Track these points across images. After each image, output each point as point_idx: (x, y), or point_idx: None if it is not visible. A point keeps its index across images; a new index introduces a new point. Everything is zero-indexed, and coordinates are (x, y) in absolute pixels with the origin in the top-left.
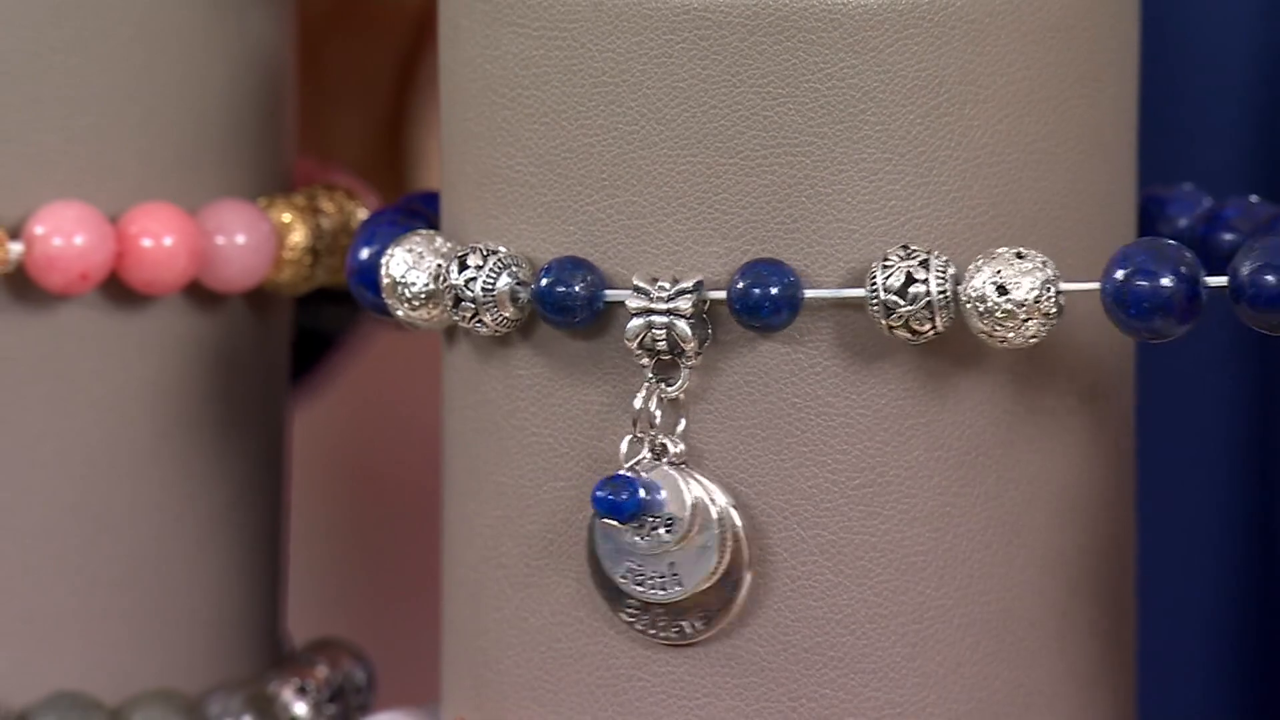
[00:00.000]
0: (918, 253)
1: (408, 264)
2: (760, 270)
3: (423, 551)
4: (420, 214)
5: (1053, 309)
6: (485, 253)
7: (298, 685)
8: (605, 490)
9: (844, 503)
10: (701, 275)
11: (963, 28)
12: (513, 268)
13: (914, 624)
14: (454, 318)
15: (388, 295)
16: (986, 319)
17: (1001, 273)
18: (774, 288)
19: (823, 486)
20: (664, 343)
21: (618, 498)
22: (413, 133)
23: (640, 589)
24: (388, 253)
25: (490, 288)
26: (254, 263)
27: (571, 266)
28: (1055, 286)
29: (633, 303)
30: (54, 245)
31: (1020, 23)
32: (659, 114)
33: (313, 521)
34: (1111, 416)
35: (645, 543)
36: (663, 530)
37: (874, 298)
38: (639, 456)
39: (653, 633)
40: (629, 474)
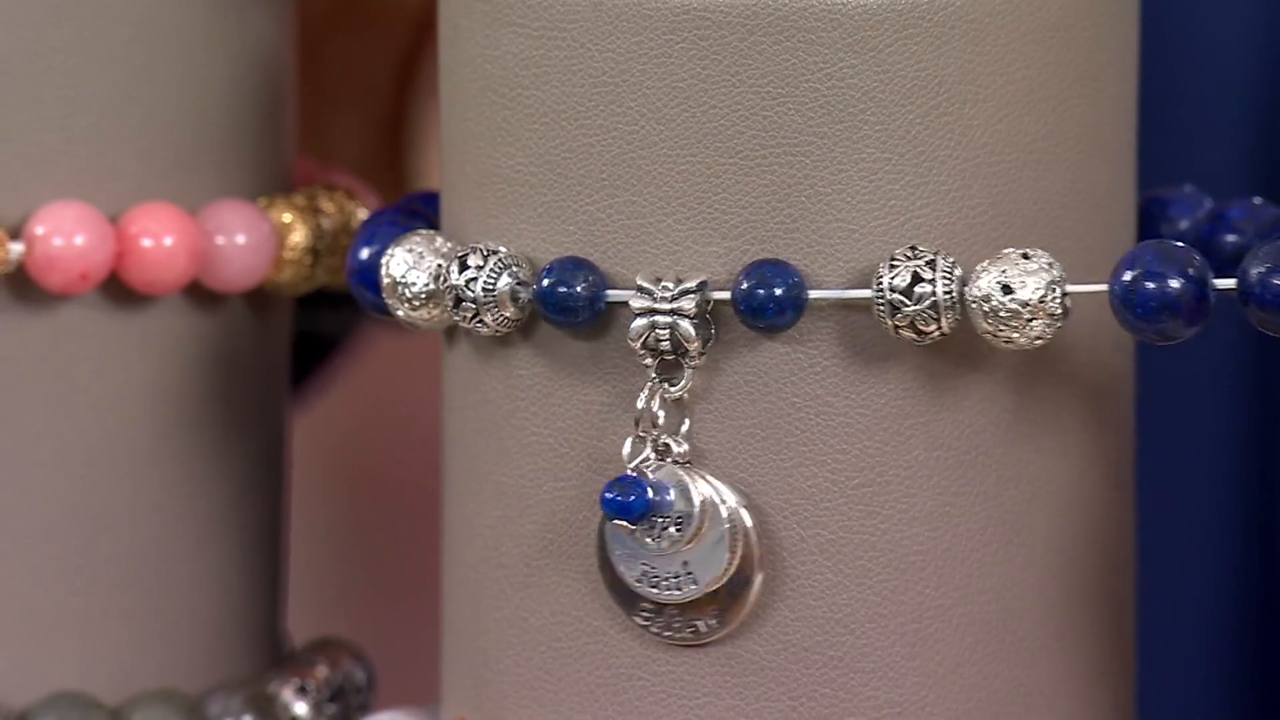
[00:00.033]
0: (924, 253)
1: (408, 264)
2: (765, 271)
3: (423, 551)
4: (420, 214)
5: (1058, 310)
6: (486, 253)
7: (298, 685)
8: (614, 491)
9: (844, 502)
10: (704, 275)
11: (962, 28)
12: (513, 268)
13: (913, 623)
14: (454, 318)
15: (388, 295)
16: (992, 320)
17: (1007, 273)
18: (778, 288)
19: (822, 486)
20: (667, 343)
21: (626, 499)
22: (413, 133)
23: (655, 590)
24: (388, 253)
25: (491, 288)
26: (254, 263)
27: (573, 267)
28: (1061, 288)
29: (636, 303)
30: (54, 245)
31: (1020, 22)
32: (658, 114)
33: (313, 521)
34: (1112, 416)
35: (656, 543)
36: (673, 529)
37: (880, 298)
38: (643, 457)
39: (668, 634)
40: (636, 475)
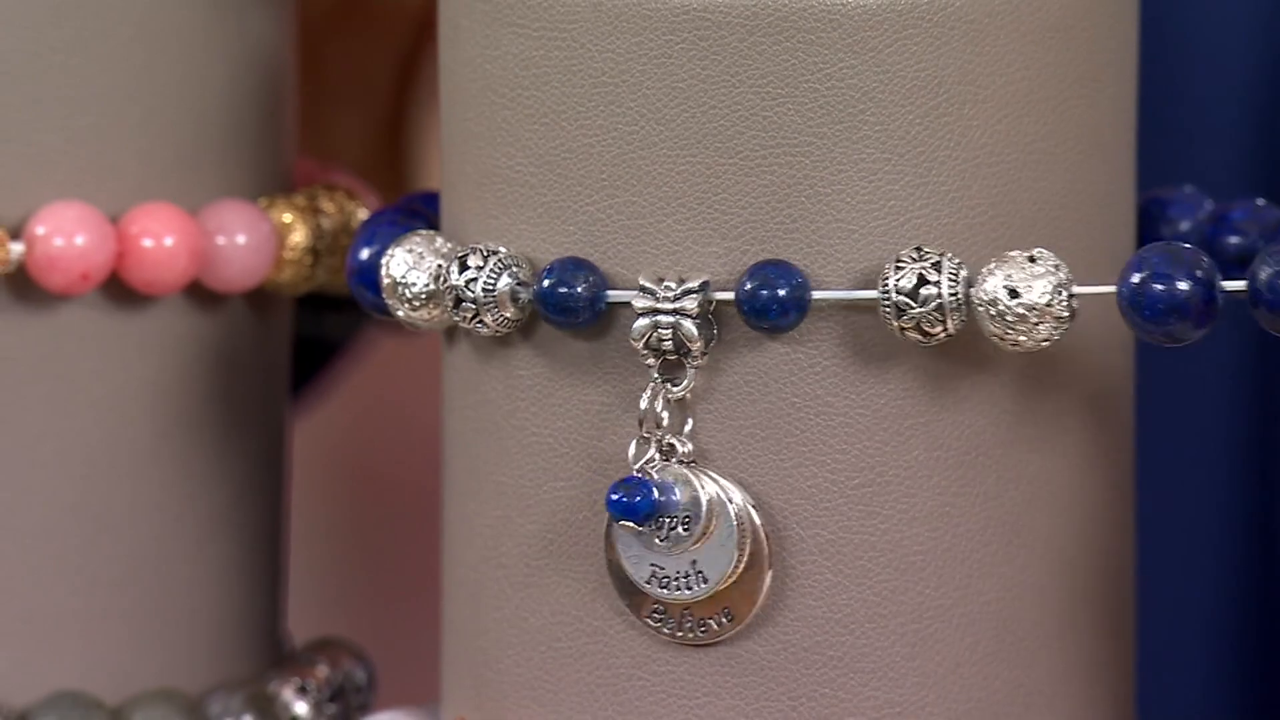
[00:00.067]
0: (930, 255)
1: (408, 264)
2: (768, 272)
3: (423, 551)
4: (420, 214)
5: (1065, 312)
6: (486, 253)
7: (298, 685)
8: (619, 493)
9: (844, 503)
10: (705, 275)
11: (962, 28)
12: (513, 268)
13: (913, 623)
14: (454, 318)
15: (388, 295)
16: (999, 323)
17: (1013, 276)
18: (782, 289)
19: (822, 486)
20: (670, 343)
21: (631, 499)
22: (413, 133)
23: (665, 591)
24: (388, 253)
25: (491, 288)
26: (254, 263)
27: (573, 267)
28: (1068, 290)
29: (639, 303)
30: (55, 245)
31: (1019, 23)
32: (658, 114)
33: (313, 521)
34: (1112, 417)
35: (664, 543)
36: (681, 529)
37: (886, 299)
38: (647, 457)
39: (680, 635)
40: (641, 475)
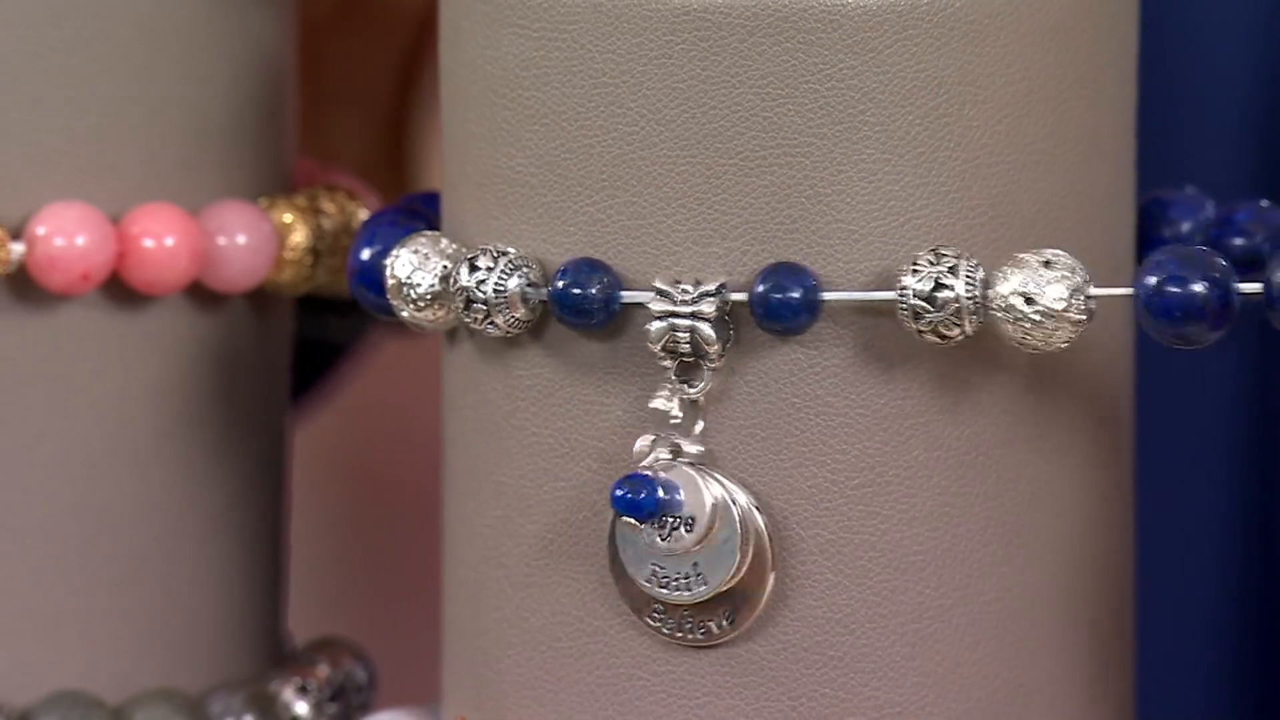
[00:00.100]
0: (948, 257)
1: (413, 265)
2: (781, 274)
3: (423, 551)
4: (421, 214)
5: (1082, 315)
6: (495, 254)
7: (299, 684)
8: (624, 489)
9: (844, 503)
10: (715, 276)
11: (962, 29)
12: (523, 269)
13: (913, 623)
14: (464, 319)
15: (393, 296)
16: (1016, 326)
17: (1030, 280)
18: (795, 291)
19: (822, 486)
20: (687, 345)
21: (636, 496)
22: (414, 133)
23: (665, 591)
24: (392, 254)
25: (502, 289)
26: (255, 263)
27: (588, 269)
28: (1085, 293)
29: (655, 305)
30: (55, 245)
31: (1019, 24)
32: (658, 115)
33: (314, 521)
34: (1112, 417)
35: (666, 543)
36: (683, 529)
37: (903, 302)
38: (655, 456)
39: (679, 635)
40: (647, 473)
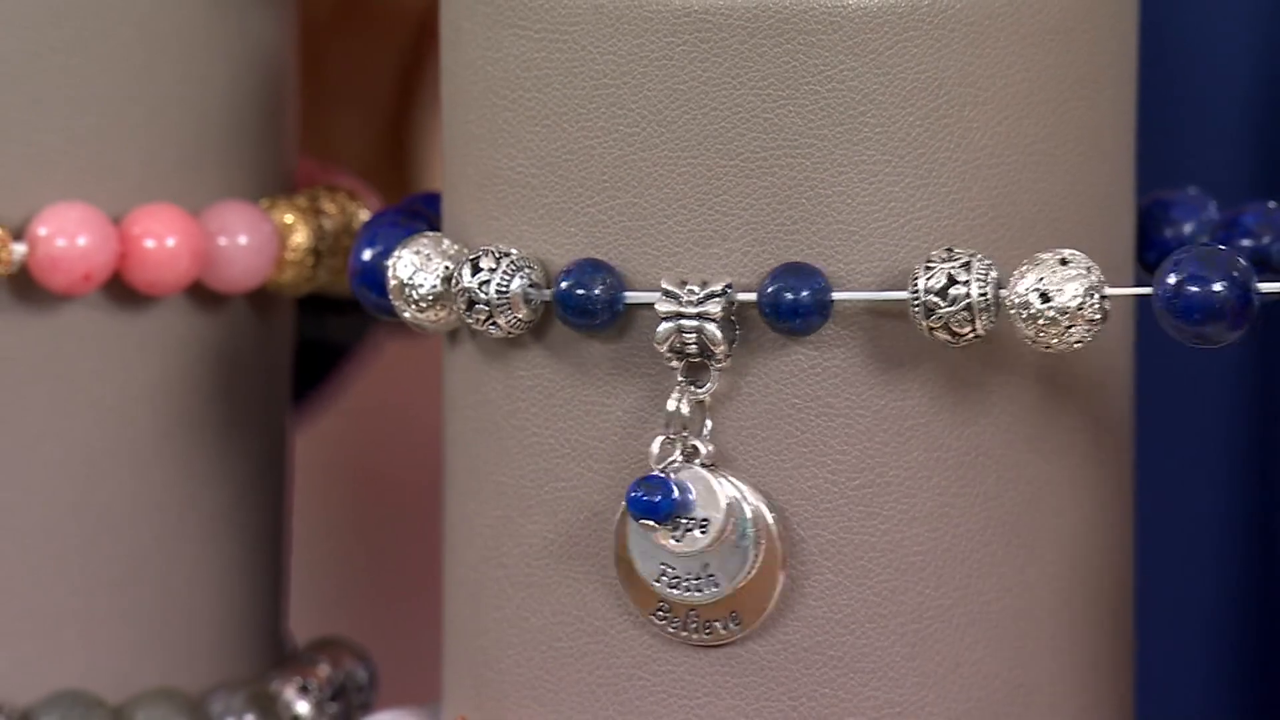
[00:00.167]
0: (960, 255)
1: (415, 266)
2: (790, 275)
3: (424, 551)
4: (422, 215)
5: (1097, 315)
6: (498, 255)
7: (300, 684)
8: (640, 491)
9: (844, 503)
10: (724, 278)
11: (962, 30)
12: (526, 270)
13: (913, 623)
14: (467, 320)
15: (394, 297)
16: (1031, 324)
17: (1045, 278)
18: (804, 292)
19: (823, 487)
20: (694, 346)
21: (653, 498)
22: (415, 134)
23: (675, 592)
24: (394, 254)
25: (505, 290)
26: (256, 264)
27: (592, 269)
28: (1100, 292)
29: (662, 306)
30: (57, 246)
31: (1019, 25)
32: (659, 116)
33: (315, 521)
34: (1112, 417)
35: (679, 545)
36: (698, 531)
37: (915, 300)
38: (670, 458)
39: (685, 634)
40: (663, 475)
